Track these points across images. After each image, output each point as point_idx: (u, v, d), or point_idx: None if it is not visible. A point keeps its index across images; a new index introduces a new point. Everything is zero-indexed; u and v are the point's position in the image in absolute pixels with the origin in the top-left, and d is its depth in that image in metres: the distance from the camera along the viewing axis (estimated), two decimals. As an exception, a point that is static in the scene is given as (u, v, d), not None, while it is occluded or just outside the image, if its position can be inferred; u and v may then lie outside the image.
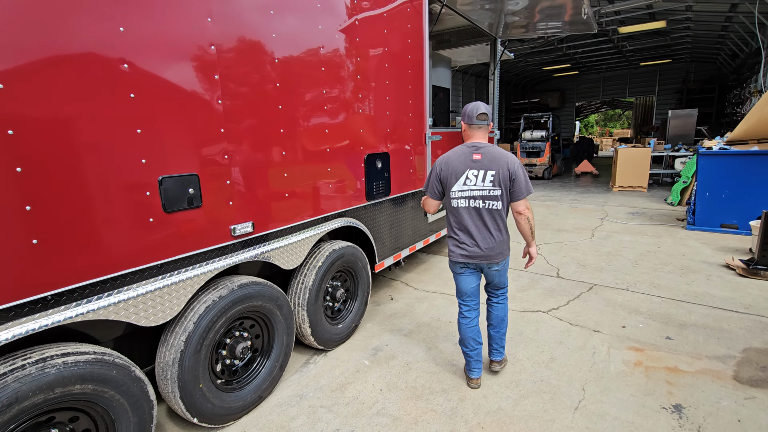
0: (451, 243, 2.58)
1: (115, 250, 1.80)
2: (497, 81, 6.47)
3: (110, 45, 1.72)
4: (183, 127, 2.03)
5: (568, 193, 10.92)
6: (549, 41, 15.38)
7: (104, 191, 1.75)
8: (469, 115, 2.48)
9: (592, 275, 4.72)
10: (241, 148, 2.33)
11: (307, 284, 2.88)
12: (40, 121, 1.55)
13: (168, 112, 1.96)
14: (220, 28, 2.16)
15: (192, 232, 2.11)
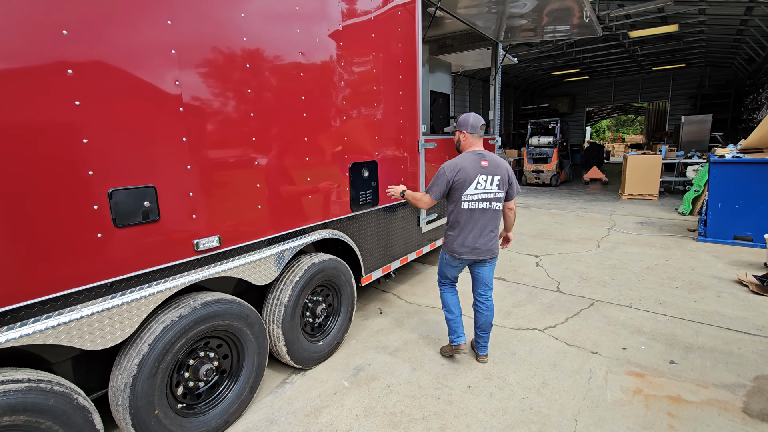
0: (454, 241, 2.83)
1: (55, 269, 1.67)
2: (499, 86, 6.29)
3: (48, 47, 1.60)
4: (138, 137, 1.90)
5: (576, 201, 10.64)
6: (558, 45, 15.13)
7: (43, 205, 1.63)
8: (473, 125, 2.85)
9: (594, 290, 4.49)
10: (206, 157, 2.20)
11: (282, 300, 2.73)
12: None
13: (120, 119, 1.83)
14: (180, 29, 2.03)
15: (148, 247, 1.98)
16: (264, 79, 2.49)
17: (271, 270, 2.64)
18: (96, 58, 1.73)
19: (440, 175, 2.76)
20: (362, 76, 3.32)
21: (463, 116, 2.97)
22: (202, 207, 2.19)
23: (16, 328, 1.59)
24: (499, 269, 5.26)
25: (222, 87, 2.25)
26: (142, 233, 1.95)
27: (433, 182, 2.80)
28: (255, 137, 2.46)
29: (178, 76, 2.03)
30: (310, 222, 2.94)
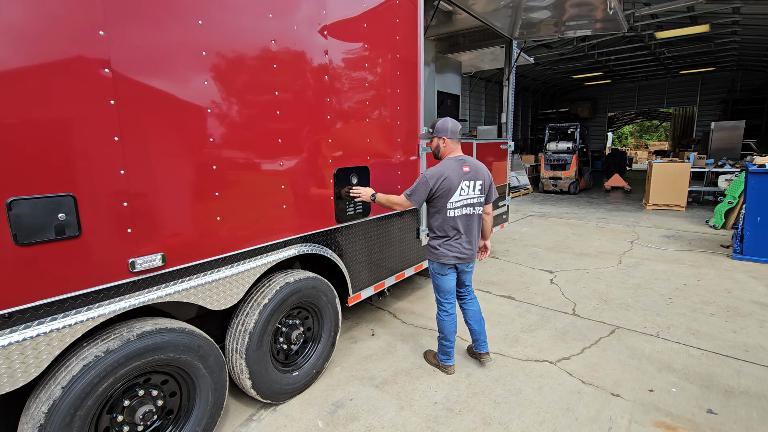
0: (442, 247, 2.77)
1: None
2: (512, 87, 5.83)
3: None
4: (50, 135, 1.56)
5: (595, 210, 10.02)
6: (579, 47, 14.52)
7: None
8: (453, 130, 2.76)
9: (615, 314, 3.98)
10: (146, 160, 1.85)
11: (247, 327, 2.36)
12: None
13: (24, 112, 1.49)
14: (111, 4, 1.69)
15: (63, 269, 1.63)
16: (227, 69, 2.13)
17: (232, 292, 2.27)
18: None
19: (422, 182, 2.69)
20: (351, 71, 2.95)
21: (440, 121, 2.79)
22: (140, 220, 1.84)
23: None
24: (508, 287, 4.79)
25: (168, 72, 1.90)
26: (56, 252, 1.60)
27: (415, 188, 2.71)
28: (213, 137, 2.10)
29: (108, 59, 1.68)
30: (284, 236, 2.57)
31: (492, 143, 5.43)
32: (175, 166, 1.96)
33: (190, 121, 2.00)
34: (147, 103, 1.83)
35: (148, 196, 1.87)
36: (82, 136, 1.64)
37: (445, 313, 2.90)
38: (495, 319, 3.90)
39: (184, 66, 1.95)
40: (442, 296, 2.89)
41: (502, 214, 6.01)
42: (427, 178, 2.66)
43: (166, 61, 1.88)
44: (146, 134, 1.84)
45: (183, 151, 1.98)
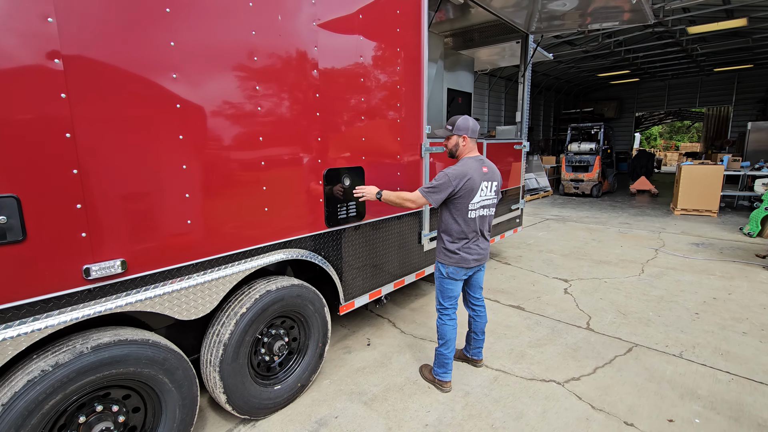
0: (462, 251, 2.62)
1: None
2: (528, 84, 5.53)
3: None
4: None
5: (619, 214, 9.53)
6: (604, 44, 13.93)
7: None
8: (474, 129, 2.63)
9: (634, 329, 3.66)
10: (105, 157, 1.71)
11: (222, 338, 2.21)
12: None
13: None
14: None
15: (4, 276, 1.50)
16: (197, 57, 1.98)
17: (204, 301, 2.12)
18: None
19: (444, 181, 2.51)
20: (345, 66, 2.76)
21: (461, 119, 2.63)
22: (97, 223, 1.70)
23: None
24: (518, 295, 4.51)
25: (128, 62, 1.76)
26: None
27: (434, 187, 2.53)
28: (183, 133, 1.95)
29: (57, 45, 1.55)
30: (265, 241, 2.40)
31: (505, 143, 5.15)
32: (137, 165, 1.81)
33: (154, 116, 1.85)
34: (105, 96, 1.69)
35: (107, 198, 1.73)
36: (28, 132, 1.51)
37: (448, 318, 2.74)
38: (501, 331, 3.65)
39: (147, 54, 1.80)
40: (449, 302, 2.73)
41: (516, 218, 5.71)
42: (450, 177, 2.49)
43: (126, 50, 1.73)
44: (104, 130, 1.70)
45: (146, 148, 1.84)
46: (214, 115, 2.06)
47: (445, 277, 2.69)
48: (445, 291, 2.72)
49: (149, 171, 1.85)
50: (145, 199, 1.85)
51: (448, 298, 2.72)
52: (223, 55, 2.08)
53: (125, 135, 1.76)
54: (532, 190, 12.99)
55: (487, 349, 3.31)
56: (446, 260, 2.65)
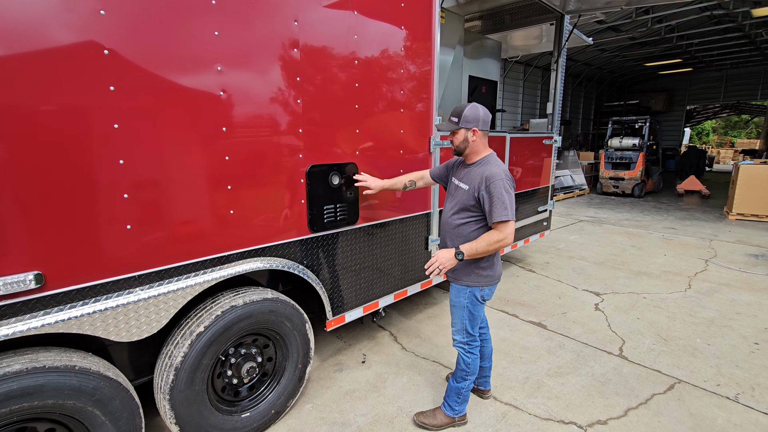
0: (498, 266, 2.20)
1: None
2: (561, 71, 4.92)
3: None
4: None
5: (663, 217, 8.65)
6: (654, 30, 12.75)
7: None
8: (485, 120, 2.12)
9: (677, 360, 3.10)
10: (12, 151, 1.41)
11: (174, 361, 1.90)
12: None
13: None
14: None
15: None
16: (132, 29, 1.65)
17: (149, 319, 1.81)
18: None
19: (507, 191, 2.01)
20: (334, 44, 2.37)
21: (469, 108, 2.11)
22: (2, 229, 1.41)
23: None
24: (540, 310, 4.00)
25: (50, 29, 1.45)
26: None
27: (508, 203, 1.99)
28: (118, 120, 1.63)
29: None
30: (230, 248, 2.07)
31: (532, 137, 4.60)
32: (58, 159, 1.51)
33: (84, 100, 1.54)
34: (16, 77, 1.39)
35: (13, 199, 1.43)
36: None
37: (477, 348, 2.27)
38: (516, 354, 3.19)
39: (78, 27, 1.49)
40: (474, 330, 2.24)
41: (543, 221, 5.15)
42: (507, 180, 2.02)
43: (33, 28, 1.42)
44: (16, 117, 1.40)
45: (71, 139, 1.53)
46: (155, 97, 1.73)
47: (479, 302, 2.19)
48: (476, 319, 2.21)
49: (74, 166, 1.54)
50: (68, 200, 1.55)
51: (476, 325, 2.24)
52: (160, 16, 1.74)
53: (46, 122, 1.46)
54: (567, 188, 12.16)
55: (498, 376, 2.87)
56: (483, 281, 2.14)
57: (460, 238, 2.13)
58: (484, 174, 2.03)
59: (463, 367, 2.24)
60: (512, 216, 1.97)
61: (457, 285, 2.21)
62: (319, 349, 3.24)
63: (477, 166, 2.13)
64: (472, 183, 2.09)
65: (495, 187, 1.97)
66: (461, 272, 2.16)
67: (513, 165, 4.28)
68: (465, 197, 2.12)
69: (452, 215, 2.20)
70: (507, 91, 15.38)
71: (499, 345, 3.30)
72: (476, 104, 2.12)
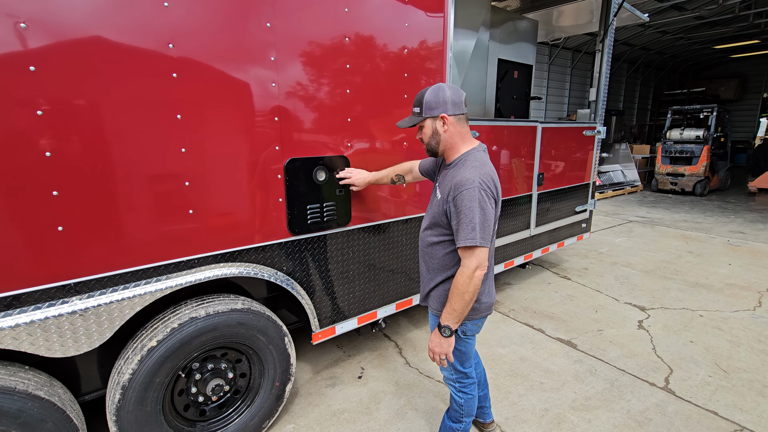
0: (491, 295, 1.73)
1: None
2: (608, 52, 4.31)
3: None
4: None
5: (729, 219, 7.62)
6: (726, 7, 11.32)
7: None
8: (455, 101, 1.60)
9: (739, 400, 2.53)
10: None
11: (122, 378, 1.69)
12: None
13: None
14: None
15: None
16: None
17: (88, 332, 1.60)
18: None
19: (482, 205, 1.49)
20: (317, 18, 2.05)
21: (429, 91, 1.61)
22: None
23: None
24: (572, 325, 3.50)
25: None
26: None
27: (478, 221, 1.48)
28: (46, 105, 1.41)
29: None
30: (188, 253, 1.82)
31: (570, 128, 4.06)
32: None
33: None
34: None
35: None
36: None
37: (471, 389, 1.84)
38: (536, 378, 2.75)
39: None
40: (467, 367, 1.81)
41: (581, 222, 4.59)
42: (483, 189, 1.50)
43: None
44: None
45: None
46: (101, 77, 1.50)
47: (468, 335, 1.73)
48: (463, 354, 1.77)
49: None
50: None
51: (467, 360, 1.81)
52: None
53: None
54: (617, 184, 11.15)
55: (511, 404, 2.47)
56: (473, 314, 1.67)
57: (433, 262, 1.70)
58: (455, 179, 1.55)
59: (456, 407, 1.85)
60: (481, 240, 1.46)
61: (434, 315, 1.77)
62: (314, 359, 2.98)
63: (452, 167, 1.63)
64: (444, 190, 1.62)
65: (463, 199, 1.48)
66: (435, 300, 1.72)
67: (545, 158, 3.78)
68: (437, 209, 1.66)
69: (425, 230, 1.76)
70: (553, 79, 14.37)
71: (517, 365, 2.88)
72: (440, 84, 1.62)
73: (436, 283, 1.71)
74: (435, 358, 1.61)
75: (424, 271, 1.78)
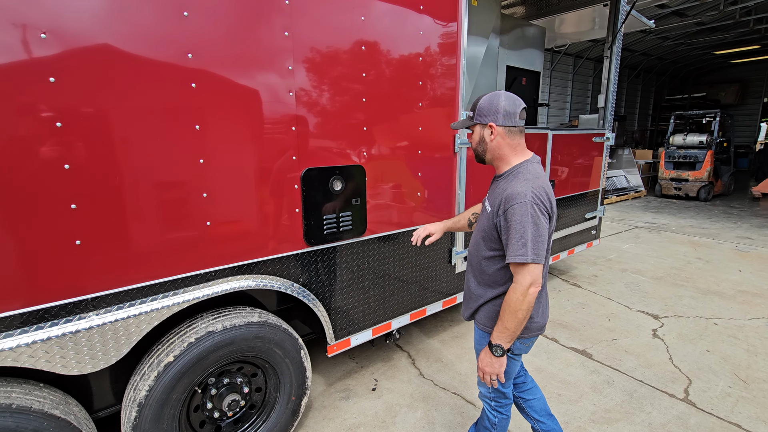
0: (545, 312, 1.66)
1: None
2: (616, 59, 4.30)
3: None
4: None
5: (736, 225, 7.59)
6: (727, 13, 11.35)
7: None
8: (508, 111, 1.51)
9: (762, 412, 2.48)
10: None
11: (138, 395, 1.65)
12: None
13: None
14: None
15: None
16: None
17: (105, 348, 1.56)
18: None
19: (535, 220, 1.41)
20: (334, 25, 2.03)
21: (485, 98, 1.55)
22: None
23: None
24: (585, 334, 3.46)
25: None
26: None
27: (530, 236, 1.40)
28: (65, 117, 1.38)
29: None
30: (204, 266, 1.79)
31: (580, 134, 4.04)
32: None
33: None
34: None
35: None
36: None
37: (509, 407, 1.77)
38: (554, 390, 2.71)
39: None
40: (507, 388, 1.73)
41: (591, 229, 4.55)
42: (536, 204, 1.42)
43: None
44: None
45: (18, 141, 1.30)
46: (98, 91, 1.47)
47: (513, 356, 1.65)
48: (508, 373, 1.68)
49: (7, 171, 1.31)
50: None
51: (509, 381, 1.72)
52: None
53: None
54: (620, 189, 11.13)
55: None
56: (523, 332, 1.59)
57: (484, 277, 1.62)
58: (505, 192, 1.48)
59: (488, 425, 1.77)
60: (534, 256, 1.39)
61: (480, 331, 1.69)
62: (326, 371, 2.93)
63: (503, 179, 1.56)
64: (493, 203, 1.55)
65: (513, 213, 1.41)
66: (485, 316, 1.64)
67: (556, 165, 3.75)
68: (486, 222, 1.59)
69: (474, 244, 1.69)
70: (555, 85, 14.39)
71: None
72: (499, 92, 1.55)
73: (487, 299, 1.62)
74: (485, 378, 1.54)
75: (473, 286, 1.69)
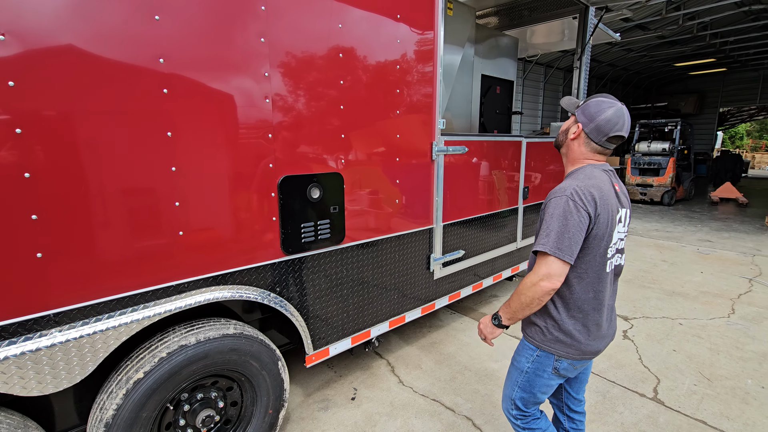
0: (580, 337, 1.51)
1: None
2: (586, 69, 4.46)
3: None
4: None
5: (697, 228, 7.98)
6: (685, 28, 12.00)
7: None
8: (600, 127, 1.47)
9: (725, 408, 2.60)
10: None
11: (105, 414, 1.57)
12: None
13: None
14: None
15: None
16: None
17: (69, 366, 1.48)
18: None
19: (565, 214, 1.39)
20: (311, 33, 2.01)
21: (595, 100, 1.50)
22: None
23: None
24: (560, 337, 3.53)
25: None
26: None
27: (555, 228, 1.39)
28: (26, 123, 1.31)
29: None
30: (177, 277, 1.72)
31: (551, 142, 4.15)
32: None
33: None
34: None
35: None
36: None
37: (535, 422, 1.68)
38: (531, 393, 2.74)
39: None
40: (533, 409, 1.67)
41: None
42: (573, 199, 1.39)
43: None
44: None
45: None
46: (62, 96, 1.41)
47: (548, 374, 1.57)
48: (534, 394, 1.61)
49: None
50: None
51: (529, 403, 1.64)
52: (99, 10, 1.41)
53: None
54: (590, 194, 11.51)
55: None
56: (559, 348, 1.51)
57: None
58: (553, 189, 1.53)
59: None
60: (555, 249, 1.36)
61: (524, 339, 1.65)
62: (304, 381, 2.88)
63: (565, 180, 1.57)
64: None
65: (548, 206, 1.45)
66: (528, 323, 1.62)
67: (530, 171, 3.85)
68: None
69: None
70: (527, 93, 14.82)
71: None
72: (617, 105, 1.46)
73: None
74: (480, 334, 1.65)
75: None
